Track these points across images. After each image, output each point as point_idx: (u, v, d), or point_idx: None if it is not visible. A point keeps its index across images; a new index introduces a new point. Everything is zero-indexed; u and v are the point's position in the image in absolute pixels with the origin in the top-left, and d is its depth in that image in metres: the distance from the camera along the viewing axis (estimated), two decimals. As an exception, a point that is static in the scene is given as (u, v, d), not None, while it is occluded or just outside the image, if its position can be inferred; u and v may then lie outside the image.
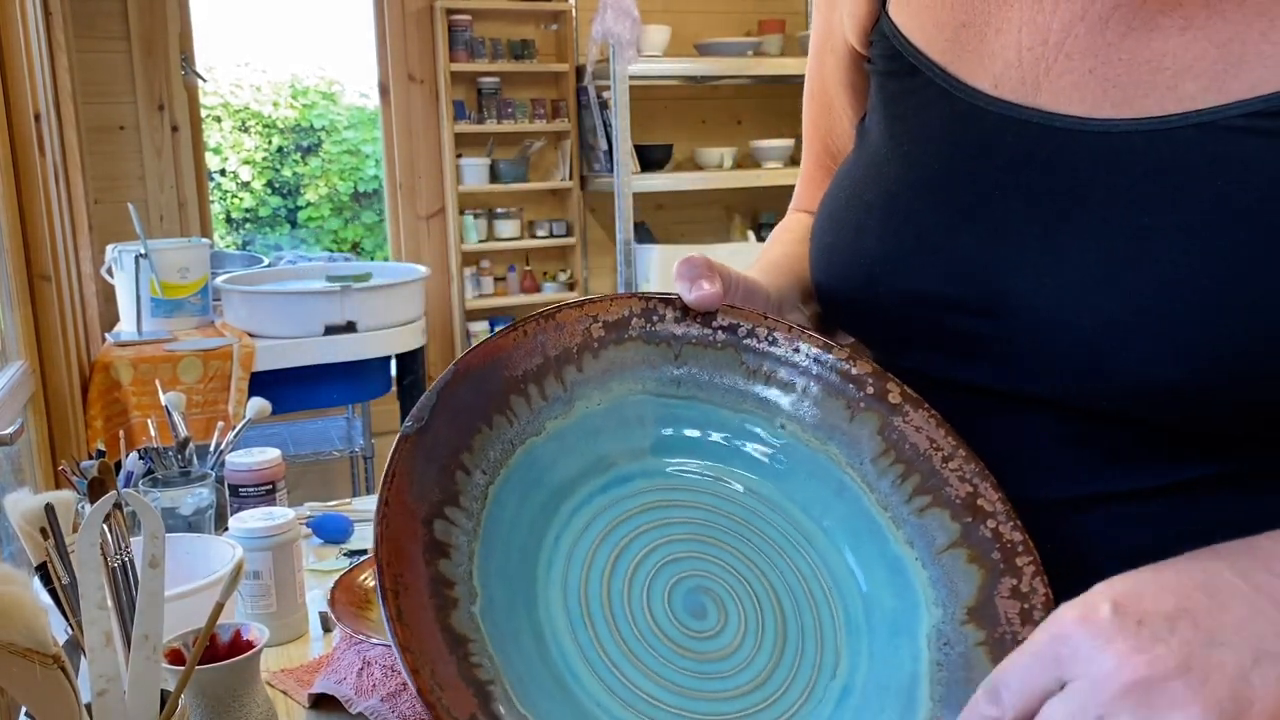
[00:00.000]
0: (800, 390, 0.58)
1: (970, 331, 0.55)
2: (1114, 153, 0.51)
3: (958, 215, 0.56)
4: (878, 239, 0.59)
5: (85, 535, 0.61)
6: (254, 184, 5.84)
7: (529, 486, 0.53)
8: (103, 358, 2.43)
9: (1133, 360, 0.49)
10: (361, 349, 2.70)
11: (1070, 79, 0.54)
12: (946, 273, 0.56)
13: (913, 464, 0.56)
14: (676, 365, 0.58)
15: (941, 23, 0.60)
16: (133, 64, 3.20)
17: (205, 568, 0.97)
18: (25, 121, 2.03)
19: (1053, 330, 0.52)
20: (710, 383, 0.58)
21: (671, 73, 3.60)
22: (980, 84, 0.57)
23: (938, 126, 0.59)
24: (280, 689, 0.94)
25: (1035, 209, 0.53)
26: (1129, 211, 0.50)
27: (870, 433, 0.57)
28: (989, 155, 0.56)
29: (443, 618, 0.46)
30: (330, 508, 1.41)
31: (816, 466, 0.57)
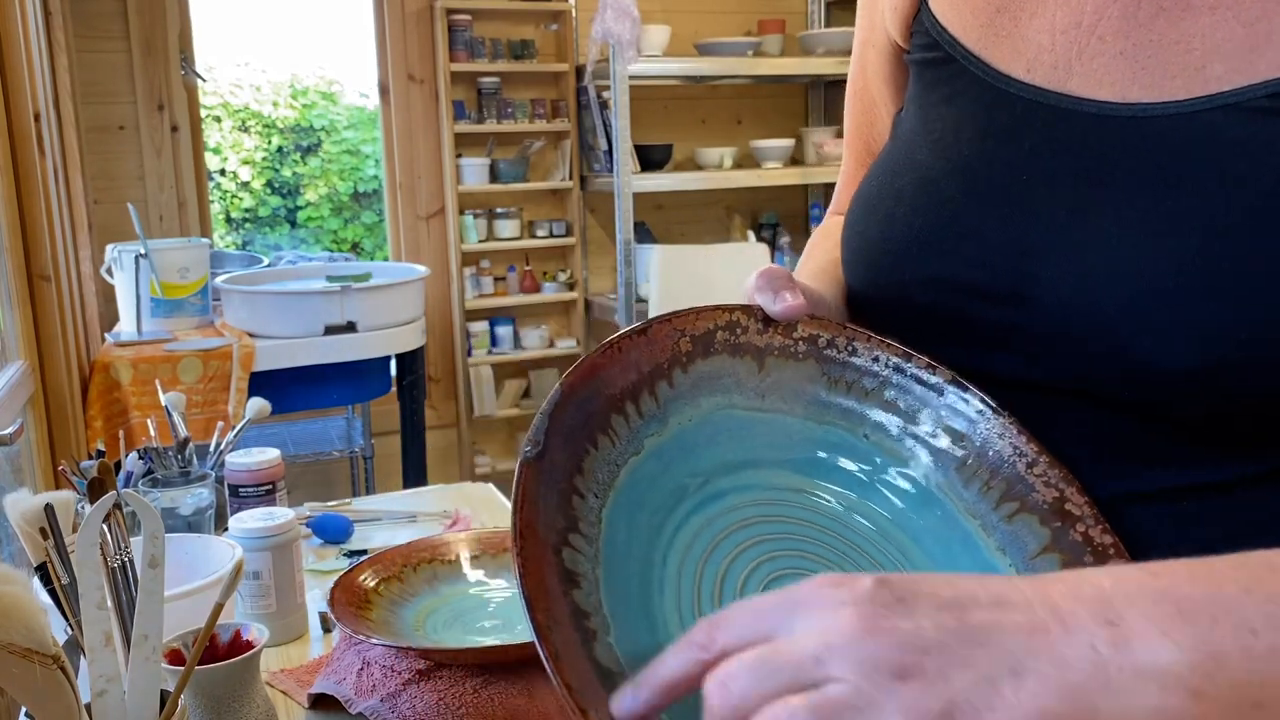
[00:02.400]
0: (878, 393, 0.58)
1: (996, 320, 0.55)
2: (1140, 136, 0.52)
3: (986, 200, 0.56)
4: (907, 225, 0.59)
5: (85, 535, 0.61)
6: (254, 184, 5.84)
7: (634, 508, 0.52)
8: (102, 358, 2.43)
9: (1155, 342, 0.49)
10: (361, 349, 2.70)
11: (1101, 61, 0.54)
12: (974, 258, 0.56)
13: (998, 471, 0.55)
14: (761, 378, 0.58)
15: (977, 9, 0.61)
16: (132, 64, 3.20)
17: (205, 568, 0.97)
18: (25, 121, 2.03)
19: (1077, 314, 0.51)
20: (794, 390, 0.58)
21: (671, 73, 3.60)
22: (1013, 70, 0.58)
23: (969, 113, 0.59)
24: (280, 689, 0.94)
25: (1062, 193, 0.53)
26: (1154, 195, 0.50)
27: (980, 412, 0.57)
28: (1019, 140, 0.56)
29: (589, 651, 0.44)
30: (330, 508, 1.41)
31: (904, 476, 0.57)
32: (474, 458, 3.72)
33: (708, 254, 3.32)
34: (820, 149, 3.77)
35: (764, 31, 3.76)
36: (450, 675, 0.84)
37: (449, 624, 0.94)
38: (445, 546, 1.04)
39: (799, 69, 3.57)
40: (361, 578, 0.96)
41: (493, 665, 0.85)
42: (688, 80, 3.81)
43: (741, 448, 0.57)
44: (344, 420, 3.47)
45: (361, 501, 1.47)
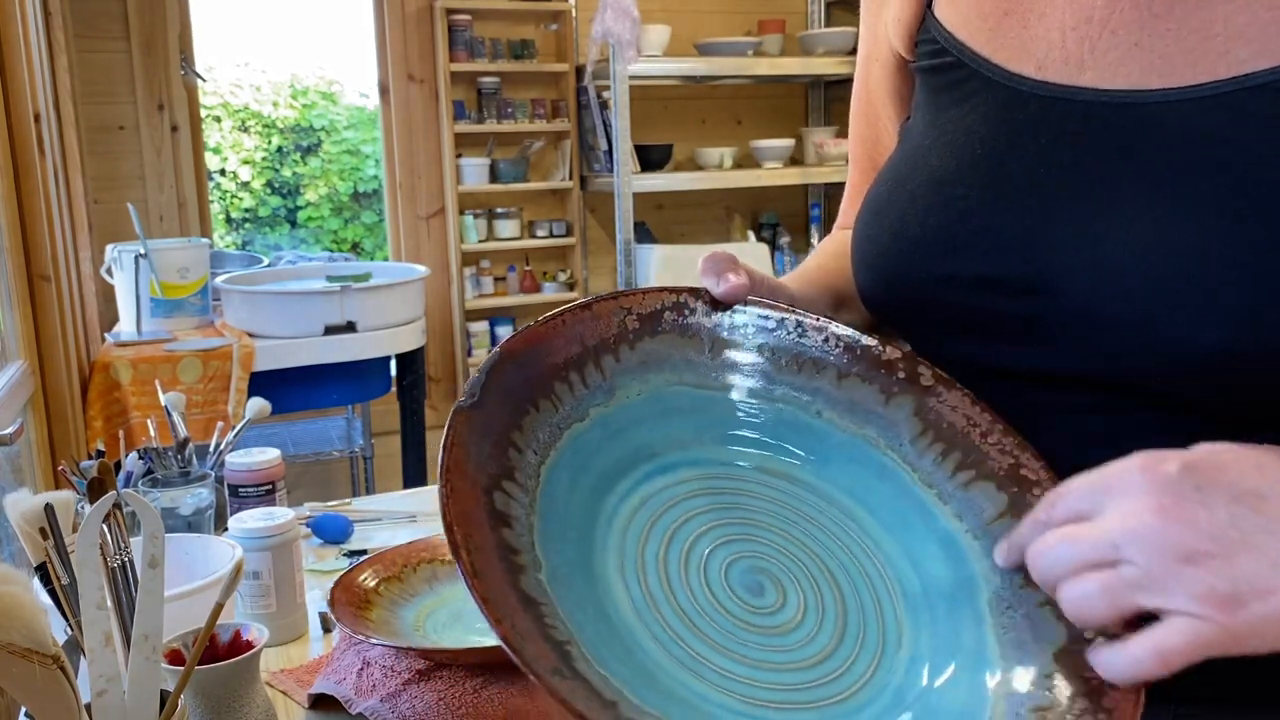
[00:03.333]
0: (834, 376, 0.60)
1: (1013, 312, 0.55)
2: (1161, 123, 0.51)
3: (1002, 196, 0.56)
4: (920, 225, 0.59)
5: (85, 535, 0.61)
6: (254, 184, 5.84)
7: (577, 470, 0.54)
8: (102, 358, 2.43)
9: (1177, 325, 0.49)
10: (361, 349, 2.70)
11: (1116, 54, 0.54)
12: (990, 253, 0.56)
13: (952, 441, 0.57)
14: (711, 357, 0.59)
15: (985, 13, 0.61)
16: (132, 64, 3.20)
17: (205, 568, 0.97)
18: (25, 121, 2.03)
19: (1099, 302, 0.51)
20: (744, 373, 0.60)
21: (671, 73, 3.60)
22: (1024, 69, 0.58)
23: (981, 114, 0.59)
24: (280, 689, 0.94)
25: (1081, 185, 0.53)
26: (1177, 180, 0.50)
27: (907, 415, 0.58)
28: (1033, 136, 0.56)
29: (513, 580, 0.46)
30: (330, 508, 1.41)
31: (856, 451, 0.58)
32: (474, 458, 3.72)
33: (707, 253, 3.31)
34: (820, 149, 3.77)
35: (764, 31, 3.76)
36: (450, 675, 0.84)
37: (449, 624, 0.94)
38: (445, 547, 1.04)
39: (799, 69, 3.58)
40: (361, 578, 0.96)
41: (493, 665, 0.85)
42: (688, 80, 3.81)
43: (692, 423, 0.58)
44: (344, 420, 3.47)
45: (361, 501, 1.47)
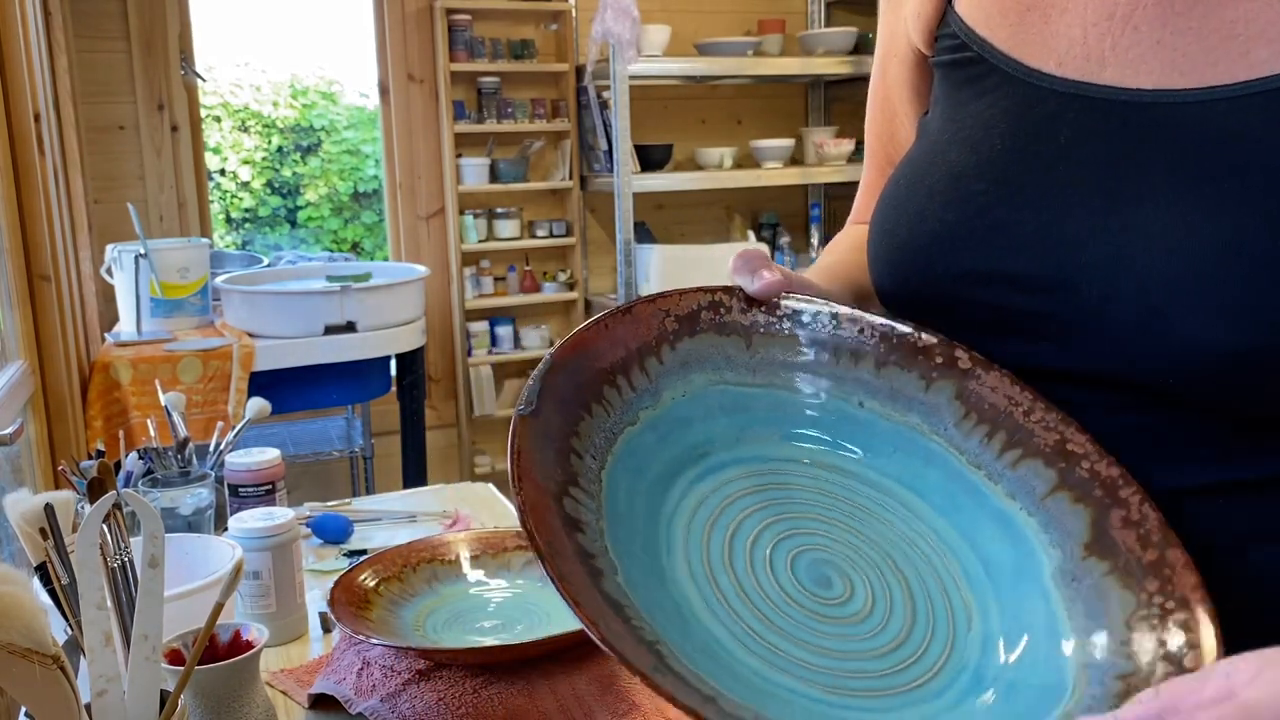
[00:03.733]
0: (873, 366, 0.60)
1: (1030, 309, 0.55)
2: (1182, 122, 0.52)
3: (1020, 193, 0.56)
4: (939, 220, 0.59)
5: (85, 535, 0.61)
6: (254, 184, 5.84)
7: (634, 474, 0.54)
8: (102, 358, 2.43)
9: (1191, 323, 0.48)
10: (361, 349, 2.70)
11: (1137, 52, 0.54)
12: (1006, 249, 0.56)
13: (996, 422, 0.57)
14: (750, 354, 0.60)
15: (1006, 9, 0.61)
16: (132, 64, 3.20)
17: (205, 568, 0.97)
18: (25, 121, 2.03)
19: (1120, 298, 0.51)
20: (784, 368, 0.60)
21: (671, 73, 3.60)
22: (1045, 65, 0.58)
23: (1001, 109, 0.59)
24: (280, 689, 0.94)
25: (1099, 182, 0.53)
26: (1195, 180, 0.50)
27: (948, 399, 0.59)
28: (1053, 132, 0.56)
29: (595, 583, 0.46)
30: (330, 508, 1.41)
31: (901, 439, 0.59)
32: (474, 458, 3.72)
33: (708, 254, 3.32)
34: (820, 149, 3.77)
35: (764, 31, 3.76)
36: (450, 675, 0.84)
37: (449, 624, 0.94)
38: (445, 546, 1.04)
39: (799, 69, 3.57)
40: (361, 578, 0.96)
41: (492, 665, 0.85)
42: (688, 80, 3.81)
43: (738, 421, 0.58)
44: (344, 420, 3.47)
45: (361, 501, 1.47)
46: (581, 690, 0.84)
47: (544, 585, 1.00)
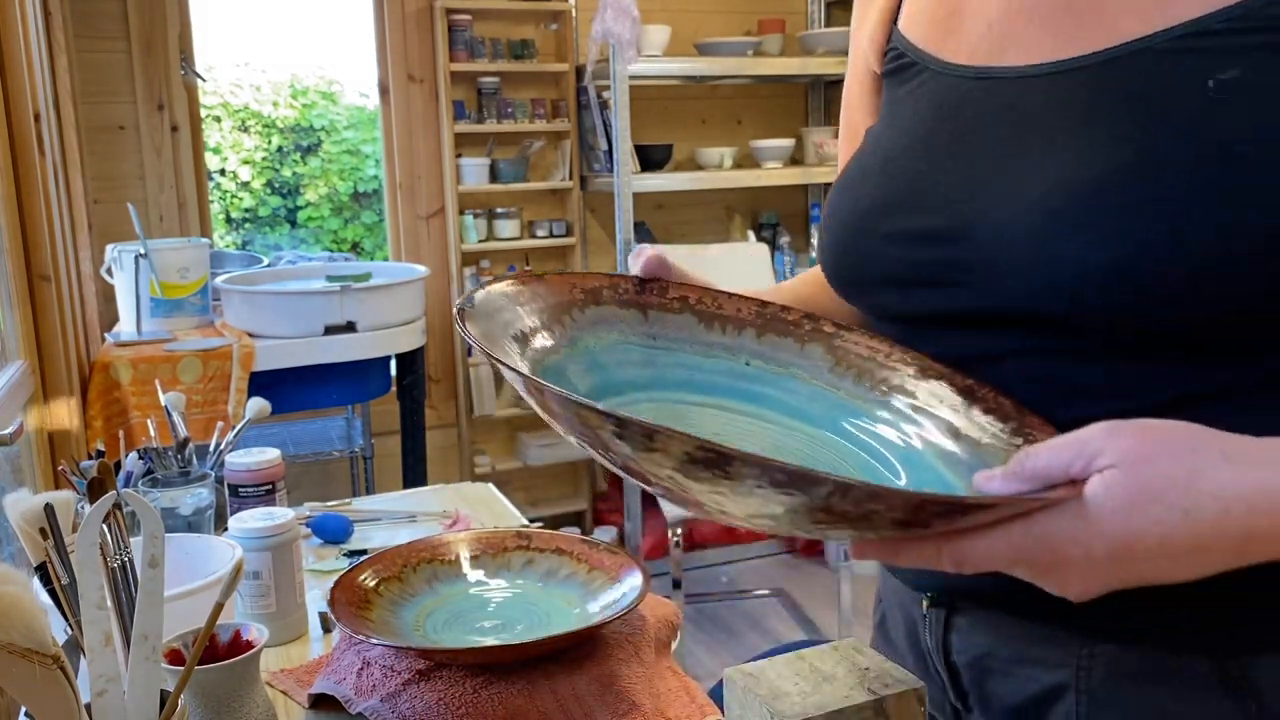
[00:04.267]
0: (754, 334, 0.71)
1: (946, 259, 0.63)
2: (1060, 86, 0.61)
3: (934, 162, 0.66)
4: (870, 196, 0.69)
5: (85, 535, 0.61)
6: (253, 184, 5.84)
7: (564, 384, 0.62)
8: (102, 358, 2.43)
9: (1074, 247, 0.56)
10: (361, 349, 2.70)
11: (1028, 36, 0.64)
12: (922, 209, 0.65)
13: (862, 367, 0.69)
14: (648, 324, 0.69)
15: (934, 18, 0.71)
16: (132, 64, 3.20)
17: (205, 568, 0.97)
18: (25, 121, 2.03)
19: (1011, 238, 0.59)
20: (678, 336, 0.70)
21: (671, 73, 3.60)
22: (959, 59, 0.68)
23: (926, 100, 0.69)
24: (280, 689, 0.94)
25: (998, 146, 0.63)
26: (1074, 132, 0.59)
27: (821, 354, 0.70)
28: (962, 110, 0.66)
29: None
30: (330, 508, 1.41)
31: (787, 385, 0.69)
32: (474, 458, 3.72)
33: (708, 254, 3.32)
34: (820, 149, 3.77)
35: (764, 31, 3.76)
36: (450, 675, 0.84)
37: (449, 624, 0.94)
38: (445, 546, 1.04)
39: (799, 69, 3.57)
40: (361, 578, 0.96)
41: (492, 665, 0.85)
42: (688, 80, 3.81)
43: (646, 372, 0.67)
44: (344, 420, 3.47)
45: (361, 501, 1.47)
46: (581, 690, 0.84)
47: (544, 585, 1.00)
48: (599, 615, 0.93)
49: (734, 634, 3.07)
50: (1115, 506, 0.47)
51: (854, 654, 0.61)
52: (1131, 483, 0.47)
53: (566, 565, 1.02)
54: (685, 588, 3.10)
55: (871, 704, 0.56)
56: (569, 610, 0.96)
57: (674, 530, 2.75)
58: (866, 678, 0.58)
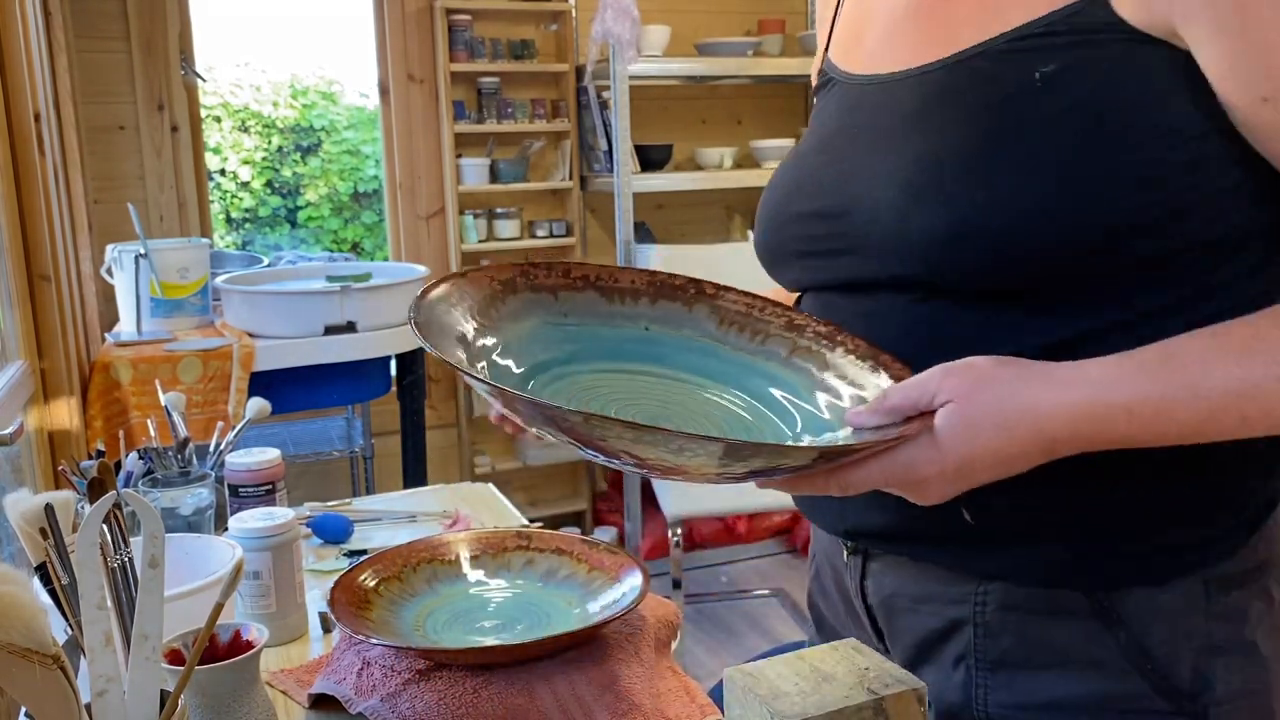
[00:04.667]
0: (648, 302, 0.81)
1: (833, 232, 0.76)
2: (907, 89, 0.74)
3: (830, 155, 0.78)
4: (784, 186, 0.83)
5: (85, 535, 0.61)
6: (254, 184, 5.84)
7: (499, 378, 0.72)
8: (102, 358, 2.43)
9: (923, 218, 0.68)
10: (361, 349, 2.70)
11: (895, 47, 0.76)
12: (819, 194, 0.77)
13: (741, 322, 0.80)
14: (559, 304, 0.79)
15: (846, 40, 0.85)
16: (132, 64, 3.20)
17: (205, 568, 0.97)
18: (25, 121, 2.03)
19: (876, 214, 0.71)
20: (586, 311, 0.80)
21: (671, 73, 3.60)
22: (855, 70, 0.81)
23: (833, 105, 0.83)
24: (280, 689, 0.94)
25: (874, 138, 0.75)
26: (919, 124, 0.71)
27: (706, 314, 0.81)
28: (849, 110, 0.79)
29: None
30: (330, 508, 1.41)
31: (682, 345, 0.80)
32: (474, 458, 3.72)
33: (708, 254, 3.31)
34: (820, 149, 3.77)
35: (764, 31, 3.76)
36: (450, 675, 0.84)
37: (449, 624, 0.94)
38: (445, 546, 1.04)
39: (799, 69, 3.57)
40: (361, 578, 0.96)
41: (492, 665, 0.85)
42: (688, 80, 3.81)
43: (565, 349, 0.78)
44: (344, 420, 3.47)
45: (361, 501, 1.47)
46: (581, 690, 0.84)
47: (544, 585, 1.01)
48: (599, 615, 0.93)
49: (734, 634, 3.07)
50: (956, 433, 0.61)
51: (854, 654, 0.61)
52: (966, 413, 0.61)
53: (566, 565, 1.02)
54: (685, 588, 3.10)
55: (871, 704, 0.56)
56: (569, 610, 0.96)
57: (674, 530, 2.75)
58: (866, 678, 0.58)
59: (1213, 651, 0.69)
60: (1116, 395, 0.60)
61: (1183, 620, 0.69)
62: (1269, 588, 0.72)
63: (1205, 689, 0.69)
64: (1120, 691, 0.69)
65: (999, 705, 0.72)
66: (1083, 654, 0.70)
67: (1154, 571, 0.69)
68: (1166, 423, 0.60)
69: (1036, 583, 0.71)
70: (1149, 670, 0.69)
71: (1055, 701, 0.70)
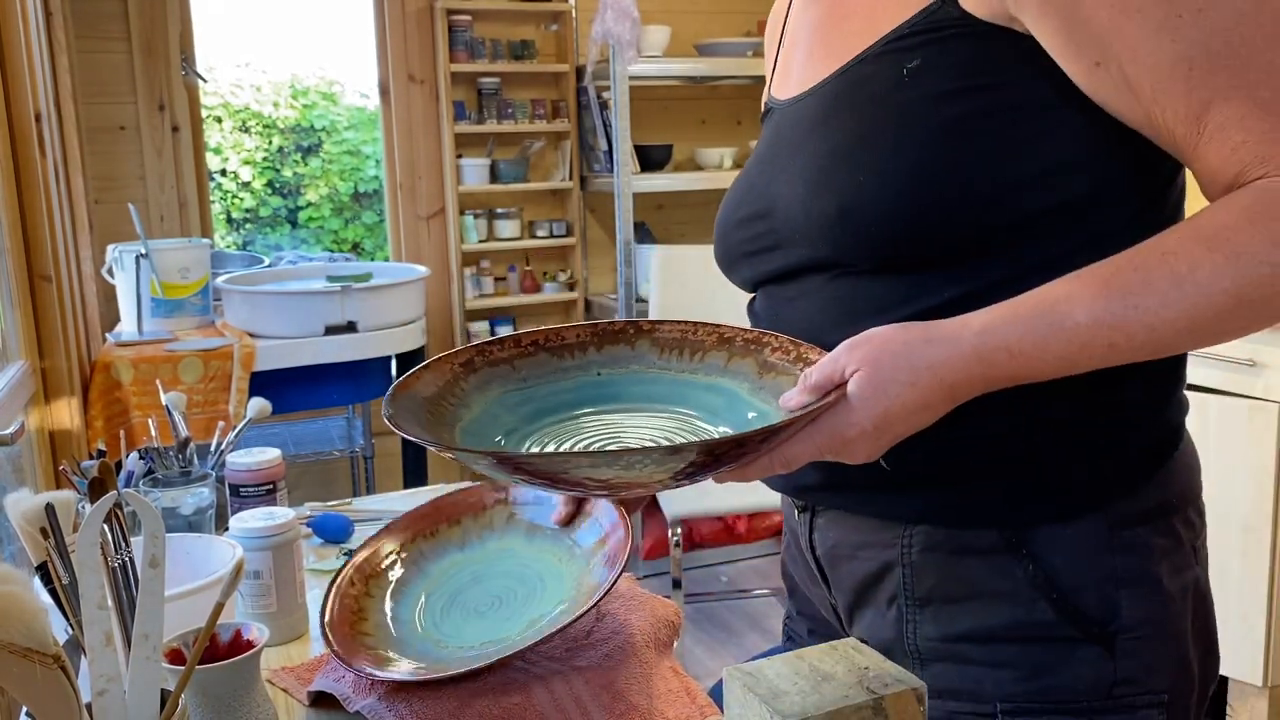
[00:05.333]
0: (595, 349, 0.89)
1: (765, 230, 0.85)
2: (815, 100, 0.82)
3: (763, 167, 0.87)
4: (730, 198, 0.92)
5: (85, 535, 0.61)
6: (254, 184, 5.84)
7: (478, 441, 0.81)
8: (103, 358, 2.43)
9: (819, 206, 0.77)
10: (361, 349, 2.70)
11: (809, 66, 0.85)
12: (752, 200, 0.87)
13: (680, 346, 0.88)
14: (516, 372, 0.88)
15: (780, 72, 0.94)
16: (133, 64, 3.20)
17: (205, 568, 0.97)
18: (26, 121, 2.04)
19: (789, 209, 0.80)
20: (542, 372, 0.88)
21: (671, 73, 3.61)
22: (781, 95, 0.90)
23: (769, 128, 0.91)
24: (281, 686, 0.94)
25: (786, 149, 0.84)
26: (819, 128, 0.80)
27: (647, 347, 0.89)
28: (780, 129, 0.87)
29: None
30: (330, 507, 1.41)
31: (635, 380, 0.89)
32: (474, 458, 3.72)
33: (708, 254, 3.31)
34: (820, 149, 3.77)
35: (764, 31, 3.76)
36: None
37: (446, 610, 0.94)
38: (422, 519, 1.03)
39: (799, 69, 3.58)
40: (351, 589, 0.96)
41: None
42: (688, 81, 3.81)
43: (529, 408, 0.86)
44: (344, 420, 3.47)
45: (362, 501, 1.47)
46: (578, 689, 0.84)
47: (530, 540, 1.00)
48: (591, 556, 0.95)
49: (734, 634, 3.07)
50: (868, 395, 0.68)
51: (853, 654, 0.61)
52: (874, 377, 0.68)
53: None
54: (685, 588, 3.10)
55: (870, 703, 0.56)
56: (559, 568, 0.96)
57: (674, 530, 2.76)
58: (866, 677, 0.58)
59: (1117, 583, 0.75)
60: (997, 339, 0.68)
61: (1087, 553, 0.75)
62: (1174, 527, 0.78)
63: (1112, 617, 0.75)
64: (1029, 619, 0.76)
65: (925, 638, 0.79)
66: (995, 586, 0.76)
67: (1059, 509, 0.75)
68: (1044, 356, 0.68)
69: (954, 524, 0.78)
70: (1054, 599, 0.75)
71: (971, 631, 0.77)
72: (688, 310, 2.77)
